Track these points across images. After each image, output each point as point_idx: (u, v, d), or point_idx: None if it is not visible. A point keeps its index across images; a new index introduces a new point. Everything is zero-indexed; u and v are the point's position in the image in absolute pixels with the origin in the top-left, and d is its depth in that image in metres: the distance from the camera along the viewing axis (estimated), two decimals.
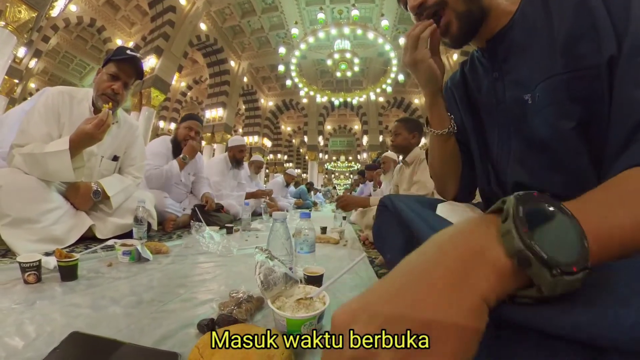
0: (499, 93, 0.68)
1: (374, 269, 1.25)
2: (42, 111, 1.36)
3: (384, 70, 12.97)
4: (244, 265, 1.25)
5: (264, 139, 16.17)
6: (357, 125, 18.80)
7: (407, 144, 2.23)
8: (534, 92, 0.58)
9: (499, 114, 0.69)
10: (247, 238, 1.96)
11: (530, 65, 0.60)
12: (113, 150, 1.61)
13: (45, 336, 0.59)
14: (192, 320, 0.72)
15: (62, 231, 1.26)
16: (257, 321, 0.76)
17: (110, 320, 0.71)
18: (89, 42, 12.05)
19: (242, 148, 3.44)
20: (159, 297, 0.87)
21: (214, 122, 12.20)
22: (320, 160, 17.78)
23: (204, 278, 1.08)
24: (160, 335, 0.66)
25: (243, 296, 0.80)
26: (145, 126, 8.48)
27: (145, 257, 1.18)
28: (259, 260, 0.75)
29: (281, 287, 0.72)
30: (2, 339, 0.56)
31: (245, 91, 14.75)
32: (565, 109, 0.53)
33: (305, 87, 12.29)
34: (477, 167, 0.81)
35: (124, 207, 1.55)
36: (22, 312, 0.67)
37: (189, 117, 2.49)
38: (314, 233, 1.08)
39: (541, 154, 0.60)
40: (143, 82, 8.79)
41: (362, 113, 16.03)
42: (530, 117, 0.60)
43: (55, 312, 0.70)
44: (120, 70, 1.45)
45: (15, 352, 0.53)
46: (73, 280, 0.90)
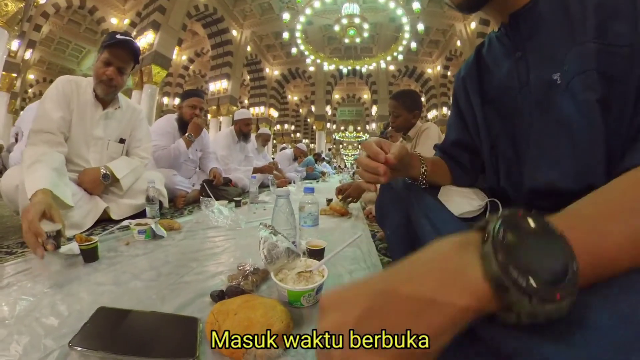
0: (522, 75, 0.64)
1: (375, 243, 1.30)
2: (54, 98, 1.42)
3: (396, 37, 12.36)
4: (251, 238, 1.32)
5: (270, 110, 15.99)
6: (366, 94, 18.37)
7: (408, 125, 2.15)
8: (564, 66, 0.54)
9: (522, 97, 0.64)
10: (255, 211, 2.04)
11: (558, 40, 0.56)
12: (119, 134, 1.66)
13: (76, 313, 0.67)
14: (206, 291, 0.80)
15: (79, 217, 1.34)
16: (262, 291, 0.84)
17: (132, 293, 0.79)
18: (82, 24, 11.81)
19: (248, 121, 3.44)
20: (175, 270, 0.95)
21: (218, 94, 12.08)
22: (328, 130, 17.60)
23: (214, 252, 1.15)
24: (180, 304, 0.75)
25: (249, 269, 0.87)
26: (149, 104, 8.42)
27: (160, 234, 1.26)
28: (262, 236, 0.82)
29: (284, 260, 0.79)
30: (40, 319, 0.64)
31: (249, 61, 14.41)
32: (592, 79, 0.50)
33: (311, 55, 11.93)
34: (486, 163, 0.77)
35: (135, 189, 1.62)
36: (53, 295, 0.74)
37: (190, 94, 2.49)
38: (317, 207, 1.13)
39: (563, 138, 0.57)
40: (143, 60, 8.57)
41: (371, 82, 15.59)
42: (558, 97, 0.56)
43: (82, 292, 0.77)
44: (112, 55, 1.46)
45: (52, 329, 0.61)
46: (95, 261, 0.97)
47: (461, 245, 0.29)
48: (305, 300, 0.73)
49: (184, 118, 2.43)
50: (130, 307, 0.70)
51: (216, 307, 0.64)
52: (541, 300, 0.24)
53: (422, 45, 12.33)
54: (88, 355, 0.53)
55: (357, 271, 1.00)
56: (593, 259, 0.27)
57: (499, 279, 0.25)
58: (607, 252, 0.28)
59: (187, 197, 2.23)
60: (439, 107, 15.15)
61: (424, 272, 0.28)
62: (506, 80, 0.68)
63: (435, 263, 0.29)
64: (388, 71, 15.03)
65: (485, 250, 0.26)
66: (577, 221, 0.30)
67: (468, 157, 0.85)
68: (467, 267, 0.27)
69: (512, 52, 0.66)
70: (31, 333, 0.58)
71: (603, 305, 0.24)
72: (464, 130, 0.84)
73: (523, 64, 0.63)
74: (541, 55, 0.60)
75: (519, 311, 0.24)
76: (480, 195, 0.77)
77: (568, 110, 0.54)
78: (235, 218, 1.59)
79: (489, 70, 0.74)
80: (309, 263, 0.82)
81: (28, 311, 0.66)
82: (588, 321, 0.23)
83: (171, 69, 11.46)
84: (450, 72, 14.49)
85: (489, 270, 0.25)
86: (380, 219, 1.00)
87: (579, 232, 0.28)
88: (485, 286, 0.26)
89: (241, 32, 12.85)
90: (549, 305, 0.24)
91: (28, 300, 0.70)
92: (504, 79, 0.68)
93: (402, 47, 11.12)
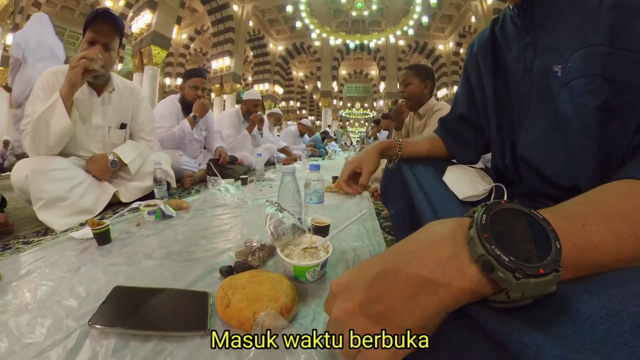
0: (527, 60, 0.63)
1: (379, 221, 1.32)
2: (40, 94, 1.38)
3: (406, 10, 11.92)
4: (257, 215, 1.35)
5: (275, 86, 15.77)
6: (374, 70, 17.91)
7: (419, 95, 2.02)
8: (567, 62, 0.53)
9: (525, 83, 0.64)
10: (261, 188, 2.06)
11: (570, 32, 0.54)
12: (119, 119, 1.62)
13: (93, 294, 0.70)
14: (215, 267, 0.83)
15: (90, 202, 1.36)
16: (269, 266, 0.86)
17: (145, 272, 0.82)
18: (76, 10, 11.57)
19: (257, 102, 3.39)
20: (185, 248, 0.98)
21: (221, 72, 11.85)
22: (334, 107, 17.30)
23: (222, 229, 1.18)
24: (191, 280, 0.78)
25: (256, 245, 0.89)
26: (151, 86, 8.27)
27: (169, 214, 1.29)
28: (269, 213, 0.83)
29: (290, 236, 0.81)
30: (61, 302, 0.67)
31: (251, 37, 14.08)
32: (595, 85, 0.48)
33: (317, 29, 11.57)
34: (492, 142, 0.77)
35: (142, 171, 1.63)
36: (71, 278, 0.77)
37: (192, 74, 2.44)
38: (322, 184, 1.13)
39: (558, 134, 0.56)
40: (142, 41, 8.36)
41: (379, 57, 15.12)
42: (556, 91, 0.55)
43: (98, 273, 0.81)
44: (95, 32, 1.40)
45: (73, 310, 0.64)
46: (108, 243, 1.00)
47: (457, 228, 0.30)
48: (310, 275, 0.75)
49: (186, 99, 2.41)
50: (144, 285, 0.74)
51: (225, 282, 0.67)
52: (525, 275, 0.25)
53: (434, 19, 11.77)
54: (107, 332, 0.57)
55: (361, 248, 1.01)
56: (577, 253, 0.28)
57: (484, 259, 0.26)
58: (592, 250, 0.28)
59: (194, 176, 2.26)
60: (449, 85, 14.67)
61: (421, 257, 0.30)
62: (512, 64, 0.67)
63: (432, 246, 0.30)
64: (397, 46, 14.54)
65: (471, 234, 0.28)
66: (566, 216, 0.31)
67: (473, 135, 0.85)
68: (460, 251, 0.28)
69: (523, 35, 0.64)
70: (53, 315, 0.62)
71: (595, 299, 0.25)
72: (472, 107, 0.83)
73: (531, 50, 0.62)
74: (548, 45, 0.58)
75: (507, 288, 0.26)
76: (486, 179, 0.76)
77: (565, 108, 0.54)
78: (242, 196, 1.61)
79: (501, 49, 0.72)
80: (314, 239, 0.83)
81: (49, 295, 0.69)
82: (579, 313, 0.24)
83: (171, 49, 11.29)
84: (463, 49, 13.89)
85: (475, 252, 0.27)
86: (385, 198, 1.01)
87: (567, 226, 0.29)
88: (475, 269, 0.27)
89: (242, 6, 12.42)
90: (533, 279, 0.25)
91: (48, 285, 0.74)
92: (511, 61, 0.68)
93: (412, 21, 10.71)
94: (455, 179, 0.74)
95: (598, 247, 0.28)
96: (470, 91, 0.82)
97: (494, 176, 0.79)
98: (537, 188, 0.63)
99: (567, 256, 0.27)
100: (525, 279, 0.25)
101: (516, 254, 0.26)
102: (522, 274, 0.25)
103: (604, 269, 0.28)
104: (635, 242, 0.29)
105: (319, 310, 0.65)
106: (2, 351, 0.52)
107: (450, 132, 0.88)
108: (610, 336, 0.22)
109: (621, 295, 0.24)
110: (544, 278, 0.25)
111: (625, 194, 0.33)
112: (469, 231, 0.29)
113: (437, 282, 0.28)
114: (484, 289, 0.27)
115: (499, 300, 0.27)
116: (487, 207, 0.29)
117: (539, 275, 0.25)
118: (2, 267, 0.82)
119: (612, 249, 0.29)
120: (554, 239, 0.27)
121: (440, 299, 0.28)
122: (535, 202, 0.64)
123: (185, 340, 0.55)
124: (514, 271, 0.25)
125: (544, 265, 0.25)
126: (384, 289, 0.30)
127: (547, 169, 0.60)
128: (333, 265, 0.88)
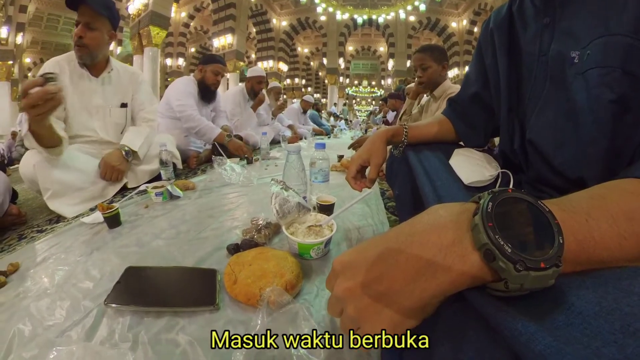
0: (544, 42, 0.59)
1: (384, 201, 1.32)
2: None
3: None
4: (263, 194, 1.37)
5: (279, 63, 15.48)
6: (382, 47, 17.29)
7: (437, 78, 2.01)
8: (585, 49, 0.50)
9: (539, 66, 0.61)
10: (267, 167, 2.07)
11: (592, 17, 0.51)
12: (120, 98, 1.63)
13: (107, 275, 0.73)
14: (222, 244, 0.86)
15: (98, 190, 1.38)
16: (274, 244, 0.89)
17: (155, 252, 0.85)
18: None
19: (261, 79, 3.34)
20: (194, 227, 1.01)
21: (223, 50, 11.62)
22: (341, 84, 16.96)
23: (228, 208, 1.21)
24: (199, 258, 0.81)
25: (262, 223, 0.91)
26: (152, 68, 8.13)
27: (176, 194, 1.31)
28: (274, 192, 0.84)
29: (295, 215, 0.82)
30: (77, 285, 0.70)
31: (254, 12, 13.72)
32: (613, 77, 0.46)
33: (323, 3, 11.17)
34: (502, 125, 0.74)
35: (149, 155, 1.64)
36: (85, 262, 0.80)
37: (213, 60, 2.46)
38: (328, 163, 1.13)
39: (569, 122, 0.54)
40: (140, 22, 8.15)
41: (388, 34, 14.63)
42: (571, 79, 0.53)
43: (110, 255, 0.83)
44: (79, 13, 1.39)
45: (89, 291, 0.67)
46: (118, 226, 1.03)
47: (460, 213, 0.30)
48: (315, 253, 0.76)
49: (206, 82, 2.42)
50: (154, 265, 0.77)
51: (232, 259, 0.69)
52: (526, 267, 0.25)
53: None
54: (122, 310, 0.59)
55: (365, 227, 1.02)
56: (577, 247, 0.28)
57: (487, 248, 0.26)
58: (593, 245, 0.28)
59: (200, 156, 2.27)
60: (461, 65, 14.18)
61: (424, 240, 0.30)
62: (528, 45, 0.64)
63: (435, 230, 0.30)
64: (407, 22, 14.03)
65: (476, 221, 0.28)
66: (571, 210, 0.30)
67: (483, 118, 0.82)
68: (463, 237, 0.28)
69: (542, 15, 0.60)
70: (71, 297, 0.65)
71: (590, 295, 0.25)
72: (485, 86, 0.79)
73: (548, 32, 0.59)
74: (567, 29, 0.55)
75: (506, 278, 0.26)
76: (493, 165, 0.74)
77: (578, 97, 0.51)
78: (248, 175, 1.62)
79: (517, 28, 0.68)
80: (318, 218, 0.85)
81: (65, 279, 0.72)
82: (574, 307, 0.24)
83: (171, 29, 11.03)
84: (477, 28, 13.29)
85: (479, 240, 0.27)
86: (390, 178, 1.00)
87: (570, 220, 0.29)
88: (476, 256, 0.27)
89: None
90: (533, 272, 0.25)
91: (64, 269, 0.77)
92: (527, 42, 0.64)
93: None
94: (462, 163, 0.73)
95: (599, 243, 0.28)
96: (483, 69, 0.79)
97: (500, 161, 0.77)
98: (543, 176, 0.62)
99: (568, 250, 0.27)
100: (525, 272, 0.25)
101: (519, 245, 0.26)
102: (523, 266, 0.25)
103: (602, 266, 0.28)
104: (636, 242, 0.29)
105: (323, 287, 0.67)
106: (27, 334, 0.55)
107: (460, 115, 0.86)
108: (601, 332, 0.22)
109: (616, 293, 0.24)
110: (544, 272, 0.25)
111: (632, 193, 0.33)
112: (473, 218, 0.29)
113: (438, 266, 0.28)
114: (483, 277, 0.27)
115: (497, 288, 0.27)
116: (494, 195, 0.29)
117: (539, 269, 0.25)
118: (20, 256, 0.85)
119: (612, 246, 0.28)
120: (557, 233, 0.27)
121: (439, 283, 0.28)
122: (540, 191, 0.63)
123: (196, 315, 0.58)
124: (516, 263, 0.25)
125: (545, 259, 0.25)
126: (385, 269, 0.30)
127: (555, 157, 0.58)
128: (337, 243, 0.89)
